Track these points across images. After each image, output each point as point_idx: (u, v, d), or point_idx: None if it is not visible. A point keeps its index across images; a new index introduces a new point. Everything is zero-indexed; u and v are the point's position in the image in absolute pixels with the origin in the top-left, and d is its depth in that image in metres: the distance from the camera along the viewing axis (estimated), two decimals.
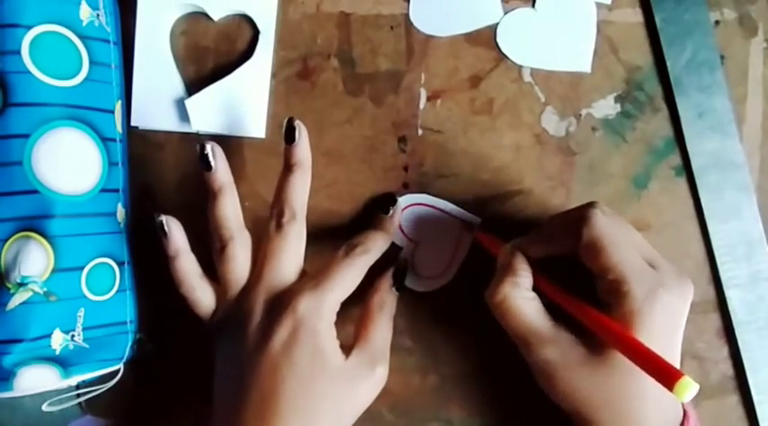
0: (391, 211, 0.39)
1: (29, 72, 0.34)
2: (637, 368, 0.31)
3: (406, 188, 0.41)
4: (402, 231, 0.41)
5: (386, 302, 0.38)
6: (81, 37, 0.36)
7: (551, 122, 0.41)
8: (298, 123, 0.37)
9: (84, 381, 0.39)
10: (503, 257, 0.36)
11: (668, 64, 0.40)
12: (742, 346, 0.40)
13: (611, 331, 0.31)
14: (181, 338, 0.42)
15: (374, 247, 0.37)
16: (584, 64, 0.40)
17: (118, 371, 0.40)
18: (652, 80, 0.41)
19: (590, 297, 0.33)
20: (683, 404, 0.34)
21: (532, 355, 0.33)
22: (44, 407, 0.39)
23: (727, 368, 0.41)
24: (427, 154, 0.41)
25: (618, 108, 0.41)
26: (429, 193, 0.41)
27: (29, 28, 0.34)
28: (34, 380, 0.36)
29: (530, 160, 0.41)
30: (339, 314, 0.35)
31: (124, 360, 0.39)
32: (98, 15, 0.37)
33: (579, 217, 0.33)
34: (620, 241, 0.32)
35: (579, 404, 0.33)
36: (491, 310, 0.35)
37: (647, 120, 0.41)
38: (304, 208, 0.37)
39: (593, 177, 0.41)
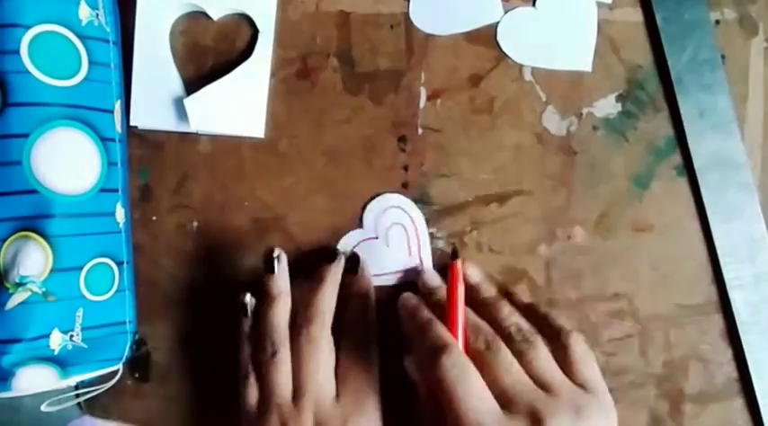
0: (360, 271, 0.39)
1: (28, 72, 0.34)
2: None
3: (406, 188, 0.41)
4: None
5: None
6: (80, 37, 0.36)
7: (552, 122, 0.41)
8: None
9: (83, 381, 0.39)
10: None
11: (669, 63, 0.40)
12: (746, 348, 0.40)
13: None
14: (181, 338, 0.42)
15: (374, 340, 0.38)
16: (584, 63, 0.40)
17: (117, 371, 0.39)
18: (653, 79, 0.40)
19: None
20: None
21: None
22: (43, 407, 0.39)
23: (731, 370, 0.41)
24: (427, 153, 0.41)
25: (619, 107, 0.41)
26: (429, 193, 0.41)
27: (28, 28, 0.34)
28: (33, 380, 0.36)
29: (530, 160, 0.41)
30: None
31: (123, 360, 0.39)
32: (97, 15, 0.37)
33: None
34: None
35: None
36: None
37: (649, 120, 0.40)
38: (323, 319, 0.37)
39: (594, 177, 0.41)
